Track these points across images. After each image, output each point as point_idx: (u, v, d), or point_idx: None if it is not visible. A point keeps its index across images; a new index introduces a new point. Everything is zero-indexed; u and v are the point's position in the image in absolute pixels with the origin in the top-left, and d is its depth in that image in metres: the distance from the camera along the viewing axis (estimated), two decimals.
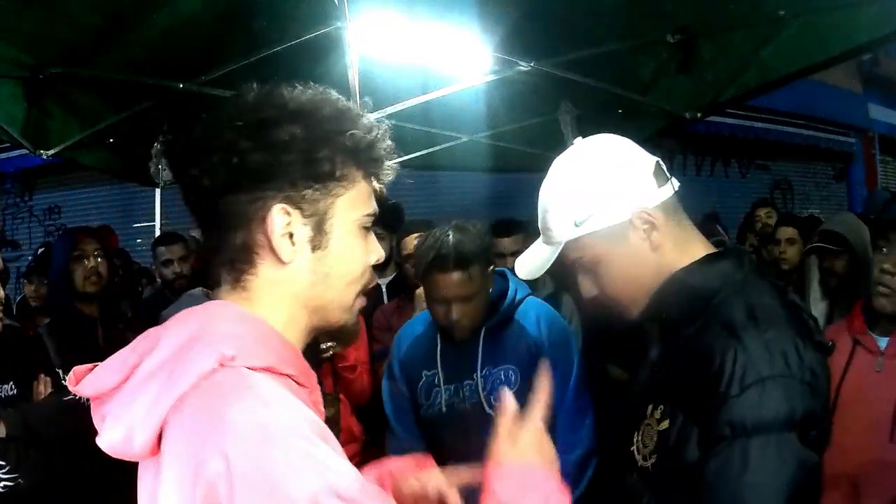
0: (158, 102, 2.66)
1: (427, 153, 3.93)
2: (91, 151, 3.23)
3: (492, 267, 1.89)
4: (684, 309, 1.06)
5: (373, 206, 0.83)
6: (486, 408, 1.87)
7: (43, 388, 1.97)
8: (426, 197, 6.25)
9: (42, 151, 2.90)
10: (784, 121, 7.86)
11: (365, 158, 0.80)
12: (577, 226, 1.07)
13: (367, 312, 2.80)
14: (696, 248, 1.11)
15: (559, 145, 1.32)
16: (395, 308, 2.71)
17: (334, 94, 0.81)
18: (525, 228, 3.06)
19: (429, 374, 1.98)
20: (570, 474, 1.77)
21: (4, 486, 1.67)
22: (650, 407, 1.07)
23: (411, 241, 2.57)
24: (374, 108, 3.26)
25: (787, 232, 3.30)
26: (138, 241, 6.62)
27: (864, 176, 8.93)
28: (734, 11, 2.35)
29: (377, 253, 0.85)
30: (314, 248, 0.78)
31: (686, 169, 7.68)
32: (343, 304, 0.82)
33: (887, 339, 1.85)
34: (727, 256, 1.09)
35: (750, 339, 0.95)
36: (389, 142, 0.83)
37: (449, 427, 1.95)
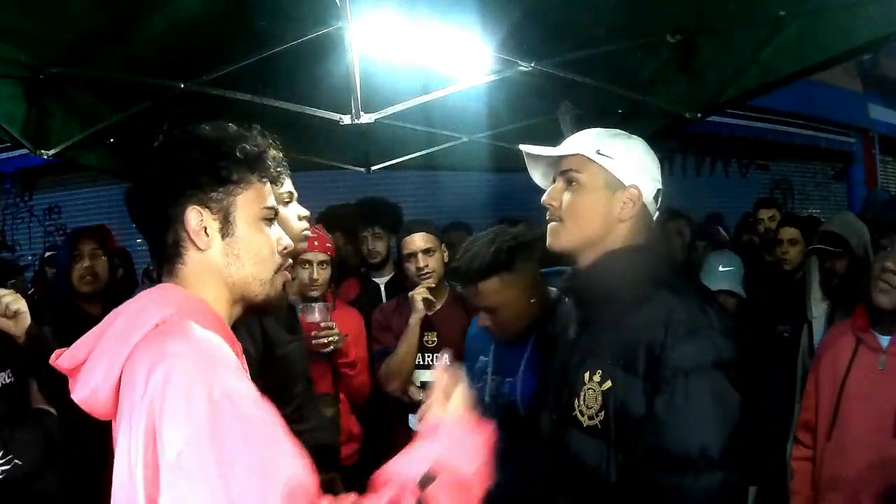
0: (158, 102, 2.66)
1: (427, 153, 3.93)
2: (91, 151, 3.24)
3: (535, 276, 1.84)
4: (615, 287, 1.27)
5: (269, 202, 1.07)
6: (521, 410, 1.84)
7: None
8: (426, 197, 6.24)
9: (42, 151, 2.90)
10: (784, 121, 7.85)
11: (256, 165, 1.05)
12: (597, 153, 1.31)
13: (366, 312, 2.80)
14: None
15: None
16: (394, 307, 2.71)
17: (231, 125, 1.07)
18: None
19: (483, 359, 1.99)
20: None
21: (3, 472, 1.67)
22: (586, 374, 1.26)
23: (413, 242, 2.57)
24: (375, 109, 3.27)
25: (790, 232, 3.30)
26: (138, 241, 6.61)
27: (864, 176, 8.92)
28: (734, 11, 2.35)
29: (284, 240, 1.10)
30: (223, 236, 1.03)
31: (686, 169, 7.68)
32: (259, 279, 1.06)
33: (889, 337, 1.86)
34: (651, 250, 1.33)
35: (676, 306, 1.19)
36: (279, 154, 1.10)
37: (489, 416, 1.97)
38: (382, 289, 3.20)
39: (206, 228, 1.01)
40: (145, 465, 0.83)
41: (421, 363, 2.56)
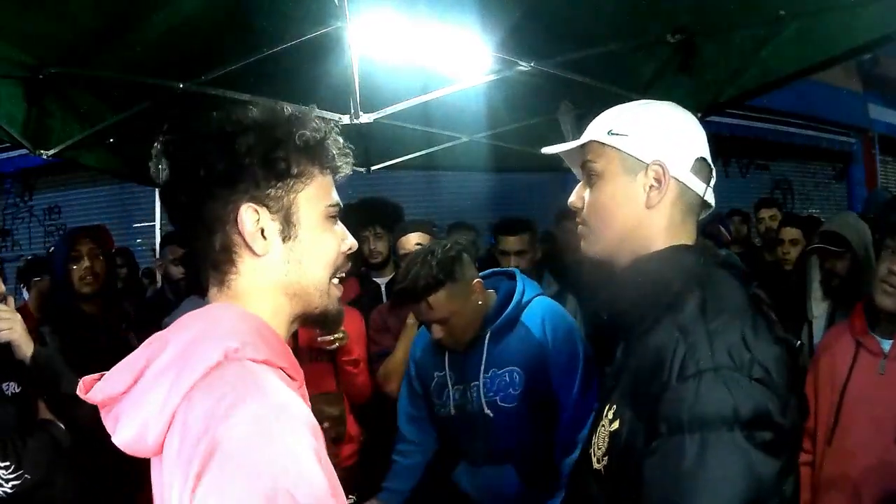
0: (158, 102, 2.66)
1: (427, 153, 3.93)
2: (91, 151, 3.23)
3: (477, 280, 1.92)
4: (640, 300, 1.03)
5: (334, 198, 0.92)
6: (486, 409, 1.90)
7: None
8: (426, 197, 6.25)
9: (42, 151, 2.90)
10: (784, 121, 7.87)
11: (317, 155, 0.89)
12: (609, 134, 1.09)
13: (366, 312, 2.80)
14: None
15: None
16: (390, 308, 2.71)
17: (285, 105, 0.91)
18: (530, 227, 3.03)
19: (440, 375, 2.02)
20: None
21: (13, 487, 1.66)
22: (605, 408, 1.05)
23: (408, 241, 2.57)
24: (374, 108, 3.26)
25: (791, 232, 3.30)
26: (138, 241, 6.63)
27: (864, 176, 8.93)
28: (734, 11, 2.35)
29: (349, 240, 0.94)
30: (284, 238, 0.87)
31: None
32: (320, 287, 0.90)
33: (890, 340, 1.83)
34: (690, 250, 1.07)
35: (693, 330, 0.90)
36: (341, 139, 0.92)
37: (459, 428, 2.00)
38: (383, 289, 3.19)
39: (262, 230, 0.85)
40: None
41: None
